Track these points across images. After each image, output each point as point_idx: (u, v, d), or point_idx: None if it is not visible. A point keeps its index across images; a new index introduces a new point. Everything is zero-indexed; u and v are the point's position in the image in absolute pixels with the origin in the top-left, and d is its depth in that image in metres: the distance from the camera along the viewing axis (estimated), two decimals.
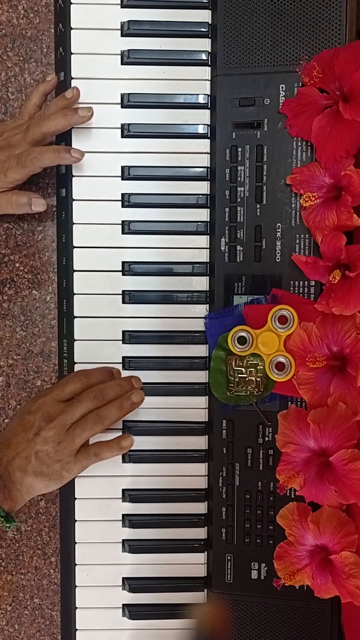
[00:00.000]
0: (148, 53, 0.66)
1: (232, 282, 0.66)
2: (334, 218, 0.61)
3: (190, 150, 0.67)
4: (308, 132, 0.62)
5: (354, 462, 0.59)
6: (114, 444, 0.65)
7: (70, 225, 0.68)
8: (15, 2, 0.70)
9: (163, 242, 0.68)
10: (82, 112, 0.64)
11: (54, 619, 0.74)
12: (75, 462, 0.63)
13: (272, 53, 0.64)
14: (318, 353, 0.62)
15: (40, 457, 0.62)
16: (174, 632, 0.70)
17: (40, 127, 0.64)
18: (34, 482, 0.63)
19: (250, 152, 0.65)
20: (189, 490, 0.69)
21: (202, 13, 0.66)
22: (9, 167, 0.64)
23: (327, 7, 0.63)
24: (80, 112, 0.64)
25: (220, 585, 0.68)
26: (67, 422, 0.62)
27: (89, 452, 0.64)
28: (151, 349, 0.68)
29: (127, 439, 0.66)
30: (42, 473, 0.62)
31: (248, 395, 0.66)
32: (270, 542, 0.66)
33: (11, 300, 0.72)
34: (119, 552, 0.70)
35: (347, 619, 0.65)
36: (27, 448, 0.62)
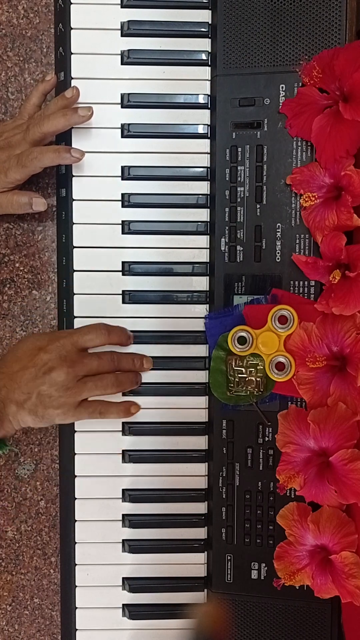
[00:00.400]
0: (148, 53, 0.66)
1: (232, 282, 0.66)
2: (334, 218, 0.61)
3: (190, 150, 0.67)
4: (308, 132, 0.62)
5: (354, 462, 0.59)
6: (123, 407, 0.65)
7: (70, 225, 0.68)
8: (15, 2, 0.70)
9: (163, 242, 0.68)
10: (82, 112, 0.64)
11: (54, 619, 0.75)
12: (75, 414, 0.62)
13: (272, 53, 0.64)
14: (318, 353, 0.62)
15: (41, 397, 0.60)
16: (174, 632, 0.70)
17: (40, 127, 0.64)
18: (26, 418, 0.62)
19: (250, 152, 0.65)
20: (189, 490, 0.69)
21: (202, 13, 0.66)
22: (10, 167, 0.64)
23: (327, 7, 0.63)
24: (80, 112, 0.64)
25: (220, 585, 0.68)
26: (81, 373, 0.62)
27: (94, 408, 0.63)
28: (151, 349, 0.68)
29: (136, 406, 0.66)
30: (37, 413, 0.61)
31: (248, 395, 0.66)
32: (270, 542, 0.66)
33: (11, 300, 0.72)
34: (119, 552, 0.70)
35: (347, 619, 0.65)
36: (31, 384, 0.60)
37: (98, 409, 0.64)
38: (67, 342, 0.62)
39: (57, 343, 0.62)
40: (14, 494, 0.73)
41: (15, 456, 0.73)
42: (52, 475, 0.73)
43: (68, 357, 0.61)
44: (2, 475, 0.73)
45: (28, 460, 0.73)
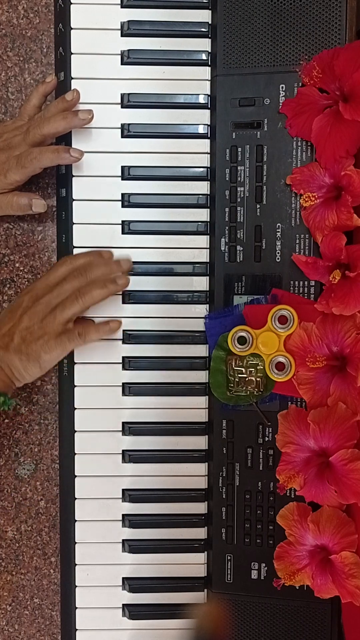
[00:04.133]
0: (148, 53, 0.66)
1: (232, 282, 0.66)
2: (334, 218, 0.61)
3: (190, 150, 0.67)
4: (308, 132, 0.62)
5: (354, 462, 0.59)
6: (102, 325, 0.66)
7: (70, 225, 0.68)
8: (15, 2, 0.70)
9: (163, 242, 0.68)
10: (83, 115, 0.64)
11: (54, 619, 0.75)
12: (56, 342, 0.63)
13: (272, 53, 0.64)
14: (318, 353, 0.62)
15: (22, 335, 0.62)
16: (174, 632, 0.70)
17: (41, 129, 0.64)
18: (14, 361, 0.63)
19: (250, 152, 0.65)
20: (189, 490, 0.69)
21: (202, 13, 0.66)
22: (9, 168, 0.64)
23: (327, 7, 0.63)
24: (81, 115, 0.64)
25: (220, 585, 0.68)
26: (53, 302, 0.63)
27: (74, 333, 0.64)
28: (151, 349, 0.68)
29: (115, 322, 0.67)
30: (22, 351, 0.62)
31: (248, 395, 0.66)
32: (270, 542, 0.66)
33: (11, 300, 0.72)
34: (119, 552, 0.70)
35: (347, 619, 0.65)
36: (12, 327, 0.63)
37: (77, 331, 0.64)
38: (38, 284, 0.64)
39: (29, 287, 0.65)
40: (14, 494, 0.73)
41: (16, 456, 0.73)
42: (52, 475, 0.73)
43: (39, 292, 0.64)
44: (2, 475, 0.73)
45: (28, 460, 0.73)
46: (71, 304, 0.63)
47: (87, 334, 0.64)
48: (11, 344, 0.62)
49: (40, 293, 0.64)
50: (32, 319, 0.63)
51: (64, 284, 0.64)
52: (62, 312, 0.63)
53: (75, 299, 0.63)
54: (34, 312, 0.63)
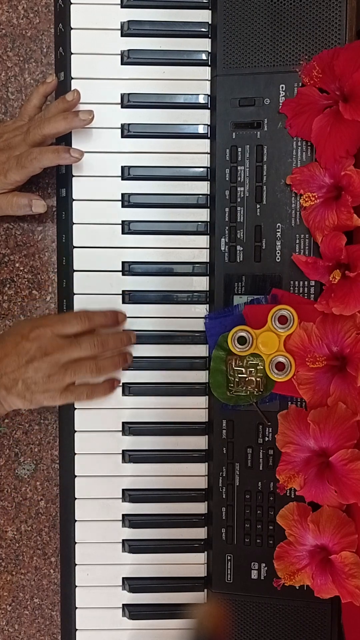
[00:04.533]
0: (148, 53, 0.66)
1: (232, 282, 0.66)
2: (334, 218, 0.61)
3: (190, 150, 0.67)
4: (308, 132, 0.62)
5: (354, 462, 0.59)
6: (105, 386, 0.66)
7: (70, 225, 0.68)
8: (15, 2, 0.70)
9: (163, 242, 0.68)
10: (83, 116, 0.64)
11: (54, 619, 0.75)
12: (61, 397, 0.64)
13: (272, 53, 0.64)
14: (318, 353, 0.62)
15: (27, 383, 0.62)
16: (174, 632, 0.70)
17: (41, 129, 0.64)
18: (16, 402, 0.63)
19: (250, 152, 0.65)
20: (189, 490, 0.69)
21: (202, 13, 0.66)
22: (9, 169, 0.64)
23: (327, 7, 0.63)
24: (81, 116, 0.64)
25: (220, 585, 0.68)
26: (62, 361, 0.63)
27: (79, 392, 0.64)
28: (151, 349, 0.68)
29: (116, 381, 0.67)
30: (25, 397, 0.63)
31: (248, 395, 0.66)
32: (270, 542, 0.66)
33: (11, 300, 0.72)
34: (119, 552, 0.70)
35: (347, 619, 0.65)
36: (16, 372, 0.62)
37: (84, 394, 0.65)
38: (47, 331, 0.63)
39: (38, 331, 0.63)
40: (14, 494, 0.73)
41: (16, 456, 0.73)
42: (52, 475, 0.73)
43: (48, 346, 0.63)
44: (2, 475, 0.73)
45: (28, 460, 0.73)
46: (85, 374, 0.64)
47: (94, 395, 0.65)
48: (14, 388, 0.62)
49: (49, 346, 0.62)
50: (38, 373, 0.62)
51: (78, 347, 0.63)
52: (73, 376, 0.63)
53: (91, 372, 0.64)
54: (41, 367, 0.62)
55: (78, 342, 0.63)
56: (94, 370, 0.64)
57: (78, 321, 0.64)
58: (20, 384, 0.62)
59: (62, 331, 0.63)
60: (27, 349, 0.62)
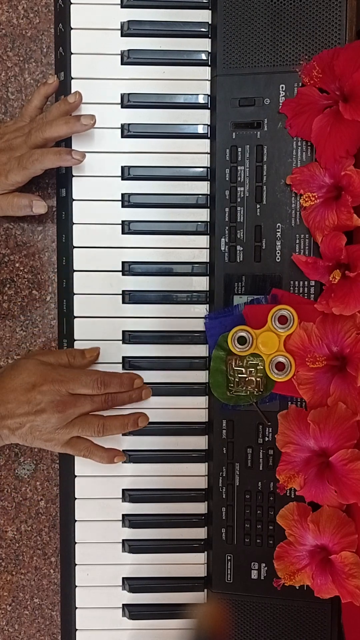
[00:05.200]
0: (148, 53, 0.66)
1: (232, 282, 0.66)
2: (334, 218, 0.61)
3: (190, 150, 0.67)
4: (308, 132, 0.62)
5: (354, 462, 0.59)
6: (107, 454, 0.66)
7: (70, 225, 0.68)
8: (15, 2, 0.70)
9: (163, 242, 0.68)
10: (85, 120, 0.64)
11: (54, 619, 0.75)
12: (62, 449, 0.65)
13: (272, 53, 0.64)
14: (318, 353, 0.62)
15: (32, 430, 0.63)
16: (174, 632, 0.70)
17: (43, 132, 0.64)
18: (17, 440, 0.65)
19: (250, 152, 0.65)
20: (189, 490, 0.69)
21: (202, 13, 0.66)
22: (10, 170, 0.64)
23: (327, 7, 0.63)
24: (83, 120, 0.64)
25: (220, 585, 0.68)
26: (71, 417, 0.64)
27: (79, 448, 0.66)
28: (151, 349, 0.68)
29: (120, 456, 0.67)
30: (27, 440, 0.64)
31: (248, 395, 0.66)
32: (270, 542, 0.66)
33: (11, 300, 0.72)
34: (119, 552, 0.70)
35: (347, 619, 0.65)
36: (23, 417, 0.63)
37: (84, 452, 0.66)
38: (61, 389, 0.64)
39: (51, 387, 0.63)
40: (14, 494, 0.73)
41: (16, 456, 0.73)
42: (52, 475, 0.73)
43: (60, 402, 0.64)
44: (2, 475, 0.73)
45: (28, 460, 0.73)
46: (91, 433, 0.65)
47: (91, 456, 0.66)
48: (18, 431, 0.63)
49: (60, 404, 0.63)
50: (46, 424, 0.63)
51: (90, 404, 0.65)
52: (78, 433, 0.65)
53: (97, 431, 0.65)
54: (50, 420, 0.63)
55: (91, 399, 0.65)
56: (100, 431, 0.65)
57: (94, 385, 0.65)
58: (26, 428, 0.63)
59: (75, 391, 0.65)
60: (38, 401, 0.63)
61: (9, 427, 0.63)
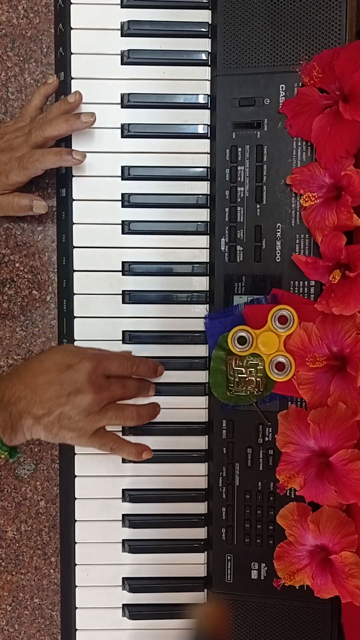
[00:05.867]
0: (148, 53, 0.66)
1: (232, 282, 0.66)
2: (334, 218, 0.61)
3: (190, 150, 0.67)
4: (308, 132, 0.62)
5: (354, 462, 0.59)
6: (135, 449, 0.65)
7: (70, 225, 0.68)
8: (15, 2, 0.70)
9: (163, 242, 0.68)
10: (85, 118, 0.64)
11: (54, 619, 0.75)
12: (88, 441, 0.62)
13: (272, 53, 0.64)
14: (318, 353, 0.62)
15: (60, 418, 0.60)
16: (174, 632, 0.70)
17: (43, 131, 0.64)
18: (39, 432, 0.61)
19: (250, 152, 0.65)
20: (189, 490, 0.69)
21: (202, 13, 0.66)
22: (11, 170, 0.64)
23: (327, 7, 0.63)
24: (83, 118, 0.64)
25: (220, 585, 0.68)
26: (105, 400, 0.61)
27: (107, 442, 0.63)
28: (151, 349, 0.68)
29: (148, 451, 0.66)
30: (51, 431, 0.60)
31: (248, 395, 0.66)
32: (270, 542, 0.66)
33: (11, 300, 0.72)
34: (119, 552, 0.70)
35: (347, 619, 0.65)
36: (54, 401, 0.59)
37: (110, 444, 0.64)
38: (98, 369, 0.61)
39: (88, 364, 0.61)
40: (14, 494, 0.73)
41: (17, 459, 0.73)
42: (52, 475, 0.73)
43: (96, 382, 0.61)
44: (2, 475, 0.73)
45: (28, 460, 0.73)
46: (125, 420, 0.63)
47: (118, 450, 0.64)
48: (45, 419, 0.60)
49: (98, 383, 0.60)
50: (77, 408, 0.60)
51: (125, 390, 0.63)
52: (112, 419, 0.62)
53: (132, 418, 0.63)
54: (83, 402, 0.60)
55: (123, 383, 0.63)
56: (135, 417, 0.63)
57: (127, 366, 0.63)
58: (54, 416, 0.59)
59: (108, 370, 0.62)
60: (74, 380, 0.60)
61: (35, 414, 0.59)
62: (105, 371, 0.62)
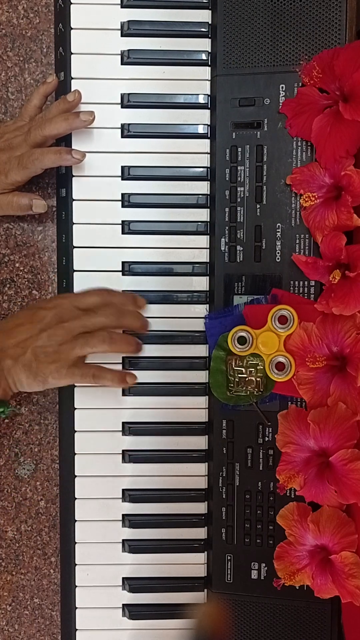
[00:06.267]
0: (148, 53, 0.66)
1: (232, 282, 0.66)
2: (334, 218, 0.61)
3: (190, 150, 0.67)
4: (308, 132, 0.62)
5: (354, 462, 0.59)
6: (119, 375, 0.65)
7: (70, 225, 0.68)
8: (15, 2, 0.70)
9: (163, 242, 0.68)
10: (84, 117, 0.64)
11: (54, 619, 0.75)
12: (68, 372, 0.62)
13: (272, 53, 0.64)
14: (318, 353, 0.62)
15: (36, 352, 0.61)
16: (174, 632, 0.70)
17: (42, 130, 0.64)
18: (20, 375, 0.62)
19: (250, 152, 0.65)
20: (189, 490, 0.69)
21: (202, 13, 0.66)
22: (10, 169, 0.64)
23: (327, 7, 0.63)
24: (82, 116, 0.64)
25: (220, 585, 0.68)
26: (77, 329, 0.62)
27: (87, 369, 0.63)
28: (151, 349, 0.68)
29: (132, 376, 0.66)
30: (31, 369, 0.62)
31: (248, 395, 0.66)
32: (270, 542, 0.66)
33: (11, 300, 0.72)
34: (119, 552, 0.70)
35: (347, 619, 0.65)
36: (27, 340, 0.61)
37: (92, 372, 0.63)
38: (65, 302, 0.63)
39: (56, 301, 0.63)
40: (14, 494, 0.73)
41: (16, 456, 0.73)
42: (52, 475, 0.73)
43: (65, 314, 0.62)
44: (2, 475, 0.73)
45: (28, 460, 0.73)
46: (97, 343, 0.62)
47: (101, 378, 0.64)
48: (22, 357, 0.61)
49: (66, 315, 0.62)
50: (50, 340, 0.61)
51: (95, 316, 0.63)
52: (84, 346, 0.62)
53: (103, 341, 0.62)
54: (55, 333, 0.61)
55: (94, 311, 0.63)
56: (107, 340, 0.62)
57: (97, 294, 0.64)
58: (30, 352, 0.61)
59: (81, 302, 0.63)
60: (42, 316, 0.62)
61: (12, 355, 0.61)
62: (75, 304, 0.63)
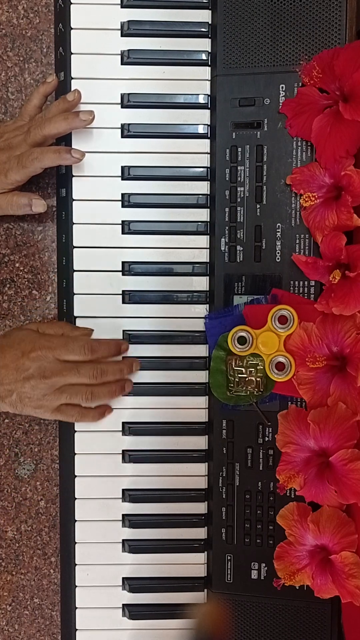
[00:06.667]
0: (148, 53, 0.66)
1: (232, 282, 0.66)
2: (334, 218, 0.61)
3: (190, 150, 0.67)
4: (308, 132, 0.62)
5: (354, 462, 0.59)
6: (98, 412, 0.67)
7: (70, 225, 0.68)
8: (15, 2, 0.70)
9: (163, 242, 0.68)
10: (84, 116, 0.64)
11: (54, 619, 0.75)
12: (52, 415, 0.66)
13: (272, 53, 0.64)
14: (318, 353, 0.62)
15: (21, 397, 0.64)
16: (174, 632, 0.70)
17: (42, 129, 0.64)
18: (6, 408, 0.65)
19: (250, 152, 0.65)
20: (189, 490, 0.69)
21: (202, 13, 0.66)
22: (10, 168, 0.64)
23: (327, 7, 0.63)
24: (82, 116, 0.64)
25: (220, 585, 0.68)
26: (59, 384, 0.64)
27: (70, 413, 0.66)
28: (151, 349, 0.68)
29: (109, 409, 0.68)
30: (16, 408, 0.65)
31: (248, 395, 0.66)
32: (270, 542, 0.66)
33: (11, 300, 0.72)
34: (119, 552, 0.70)
35: (347, 619, 0.65)
36: (13, 384, 0.64)
37: (75, 416, 0.66)
38: (49, 355, 0.64)
39: (40, 353, 0.64)
40: (14, 494, 0.73)
41: (16, 456, 0.73)
42: (52, 475, 0.73)
43: (47, 369, 0.64)
44: (2, 475, 0.73)
45: (28, 460, 0.73)
46: (78, 399, 0.65)
47: (83, 417, 0.66)
48: (8, 398, 0.64)
49: (49, 369, 0.64)
50: (34, 391, 0.64)
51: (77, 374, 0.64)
52: (66, 399, 0.65)
53: (85, 399, 0.65)
54: (38, 387, 0.63)
55: (77, 369, 0.65)
56: (89, 398, 0.65)
57: (81, 351, 0.65)
58: (15, 395, 0.64)
59: (63, 357, 0.65)
60: (26, 367, 0.63)
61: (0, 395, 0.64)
62: (58, 357, 0.65)
